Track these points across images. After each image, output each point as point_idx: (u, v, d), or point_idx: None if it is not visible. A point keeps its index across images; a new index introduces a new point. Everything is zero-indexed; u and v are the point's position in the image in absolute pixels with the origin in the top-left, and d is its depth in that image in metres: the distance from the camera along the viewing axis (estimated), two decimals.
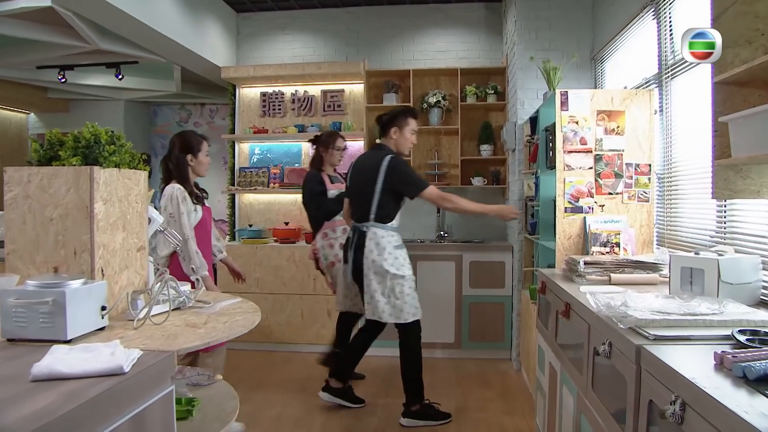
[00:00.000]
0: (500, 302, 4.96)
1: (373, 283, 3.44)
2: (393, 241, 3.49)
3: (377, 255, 3.44)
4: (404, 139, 3.59)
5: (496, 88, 5.39)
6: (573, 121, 3.22)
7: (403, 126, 3.58)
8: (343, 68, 5.48)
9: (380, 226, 3.48)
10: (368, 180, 3.49)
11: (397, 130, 3.58)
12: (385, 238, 3.46)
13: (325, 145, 4.32)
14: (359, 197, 3.57)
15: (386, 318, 3.44)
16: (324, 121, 5.84)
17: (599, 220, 3.20)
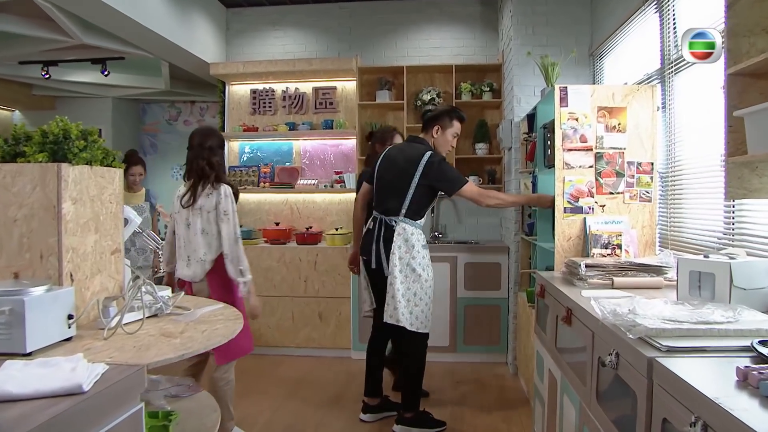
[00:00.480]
0: (496, 305, 4.84)
1: (397, 282, 3.26)
2: (421, 239, 3.35)
3: (405, 252, 3.29)
4: (444, 141, 3.44)
5: (491, 86, 5.27)
6: (573, 118, 3.10)
7: (447, 127, 3.43)
8: (335, 65, 5.35)
9: (410, 222, 3.32)
10: (404, 173, 3.33)
11: (439, 130, 3.43)
12: (415, 236, 3.31)
13: (381, 141, 3.98)
14: (390, 189, 3.39)
15: (404, 322, 3.26)
16: (315, 119, 5.71)
17: (600, 221, 3.08)
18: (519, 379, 4.41)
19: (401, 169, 3.35)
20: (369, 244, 3.44)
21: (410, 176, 3.29)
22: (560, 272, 2.87)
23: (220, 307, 2.13)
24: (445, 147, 3.45)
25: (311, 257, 5.12)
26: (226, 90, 5.90)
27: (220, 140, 3.20)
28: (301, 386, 4.31)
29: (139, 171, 4.59)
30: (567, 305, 2.32)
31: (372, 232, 3.44)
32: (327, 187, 5.50)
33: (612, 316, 1.77)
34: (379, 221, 3.41)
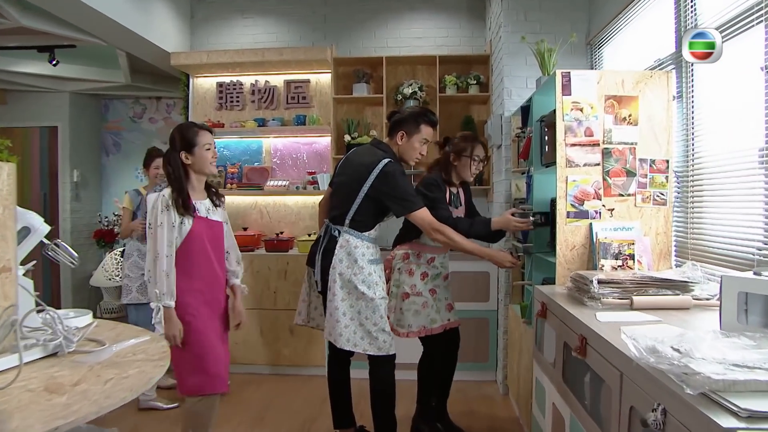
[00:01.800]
0: (484, 318, 4.42)
1: (337, 299, 2.86)
2: (368, 254, 2.91)
3: (346, 267, 2.86)
4: (410, 148, 2.98)
5: (478, 78, 4.85)
6: (577, 108, 2.68)
7: (412, 133, 2.97)
8: (308, 55, 4.89)
9: (355, 234, 2.90)
10: (354, 179, 2.91)
11: (404, 136, 2.98)
12: (359, 249, 2.88)
13: (458, 151, 3.26)
14: (339, 195, 3.00)
15: (343, 344, 2.85)
16: (287, 114, 5.24)
17: (608, 228, 2.67)
18: (510, 400, 3.99)
19: (353, 174, 2.94)
20: (313, 254, 3.05)
21: (360, 184, 2.87)
22: (565, 287, 2.45)
23: (144, 340, 1.66)
24: (411, 155, 3.00)
25: (281, 266, 4.65)
26: (191, 83, 5.41)
27: (176, 138, 2.69)
28: (269, 412, 3.84)
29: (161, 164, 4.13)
30: (580, 332, 1.89)
31: (318, 240, 3.06)
32: (299, 189, 5.03)
33: (653, 356, 1.34)
34: (326, 229, 3.01)
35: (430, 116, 3.01)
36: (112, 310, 6.90)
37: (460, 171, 3.26)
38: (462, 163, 3.24)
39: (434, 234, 2.88)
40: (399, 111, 3.06)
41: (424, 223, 2.87)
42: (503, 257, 3.03)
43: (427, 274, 3.20)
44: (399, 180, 2.83)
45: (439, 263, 3.25)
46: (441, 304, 3.24)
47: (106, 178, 7.44)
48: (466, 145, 3.24)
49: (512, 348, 3.89)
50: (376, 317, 2.87)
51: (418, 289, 3.18)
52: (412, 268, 3.18)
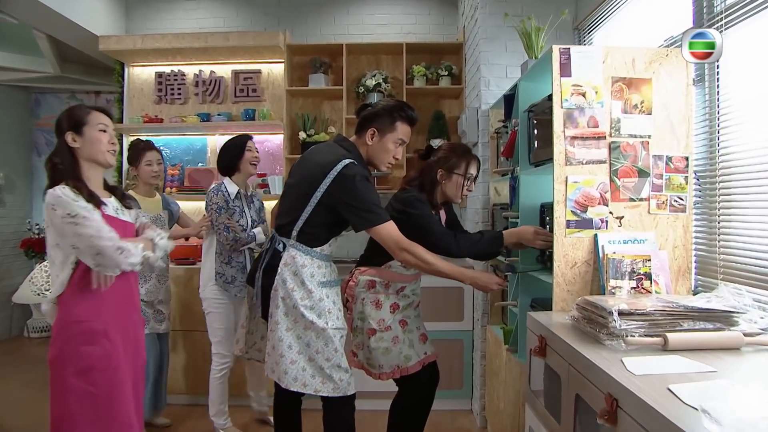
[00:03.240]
0: (457, 339, 3.89)
1: (280, 329, 2.30)
2: (319, 274, 2.34)
3: (291, 290, 2.30)
4: (382, 150, 2.42)
5: (450, 69, 4.34)
6: (578, 93, 2.18)
7: (386, 131, 2.40)
8: (258, 40, 4.30)
9: (303, 249, 2.33)
10: (307, 181, 2.32)
11: (375, 134, 2.40)
12: (307, 269, 2.31)
13: (449, 167, 2.66)
14: (289, 199, 2.42)
15: (290, 383, 2.29)
16: (235, 108, 4.64)
17: (617, 240, 2.16)
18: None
19: (305, 175, 2.36)
20: (254, 270, 2.49)
21: (312, 188, 2.30)
22: (570, 317, 1.92)
23: None
24: (382, 158, 2.44)
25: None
26: (125, 73, 4.77)
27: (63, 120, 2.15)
28: None
29: (157, 158, 3.40)
30: (608, 390, 1.36)
31: (261, 255, 2.52)
32: None
33: None
34: (270, 241, 2.45)
35: (409, 112, 2.44)
36: (43, 329, 6.17)
37: (448, 191, 2.68)
38: (452, 182, 2.66)
39: (401, 255, 2.30)
40: (370, 104, 2.48)
41: (389, 240, 2.29)
42: (488, 280, 2.48)
43: (397, 305, 2.65)
44: (360, 186, 2.25)
45: (411, 291, 2.71)
46: (413, 335, 2.70)
47: (38, 181, 6.69)
48: (460, 161, 2.65)
49: (492, 376, 3.36)
50: (329, 351, 2.31)
51: (386, 323, 2.62)
52: (380, 300, 2.62)
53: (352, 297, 2.65)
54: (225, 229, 3.27)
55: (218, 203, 3.30)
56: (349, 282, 2.67)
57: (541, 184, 2.69)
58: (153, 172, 3.36)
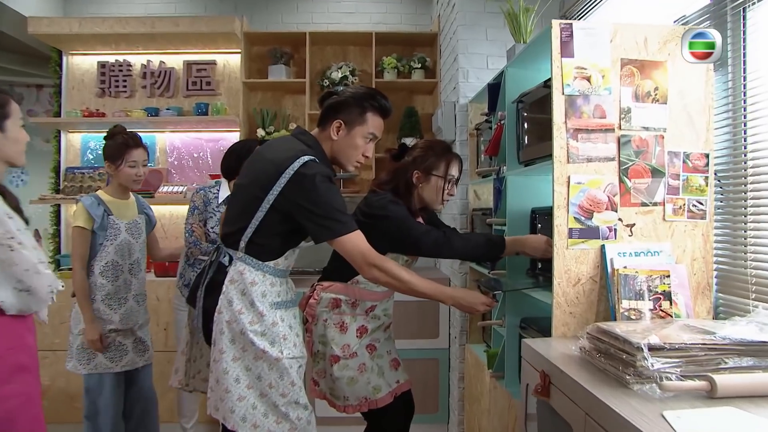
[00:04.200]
0: (432, 358, 3.53)
1: (225, 359, 1.88)
2: (272, 294, 1.92)
3: (238, 312, 1.88)
4: (350, 146, 1.98)
5: (424, 61, 3.98)
6: (582, 77, 1.83)
7: (355, 122, 1.97)
8: (212, 26, 3.87)
9: (254, 263, 1.90)
10: (259, 181, 1.89)
11: (342, 126, 1.97)
12: (258, 287, 1.89)
13: (427, 168, 2.27)
14: (237, 204, 1.98)
15: (237, 424, 1.87)
16: (187, 103, 4.20)
17: (628, 252, 1.82)
18: None
19: (257, 174, 1.93)
20: (196, 288, 2.08)
21: (265, 190, 1.86)
22: (578, 348, 1.56)
23: None
24: (350, 156, 2.01)
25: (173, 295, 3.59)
26: (64, 62, 4.28)
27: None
28: None
29: (144, 159, 2.74)
30: None
31: (203, 269, 2.11)
32: None
33: None
34: (215, 254, 2.04)
35: (382, 101, 2.01)
36: None
37: (425, 195, 2.29)
38: (430, 185, 2.28)
39: (369, 271, 1.88)
40: (336, 92, 2.05)
41: (355, 254, 1.87)
42: (473, 300, 2.07)
43: (365, 328, 2.26)
44: (321, 187, 1.83)
45: (382, 311, 2.32)
46: (383, 362, 2.31)
47: None
48: (438, 161, 2.27)
49: (472, 401, 3.00)
50: (284, 384, 1.90)
51: (352, 349, 2.23)
52: (345, 322, 2.23)
53: (313, 317, 2.25)
54: (189, 231, 2.88)
55: (195, 203, 2.99)
56: (310, 299, 2.27)
57: (531, 186, 2.34)
58: (137, 176, 2.70)
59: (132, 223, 2.74)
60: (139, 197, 2.92)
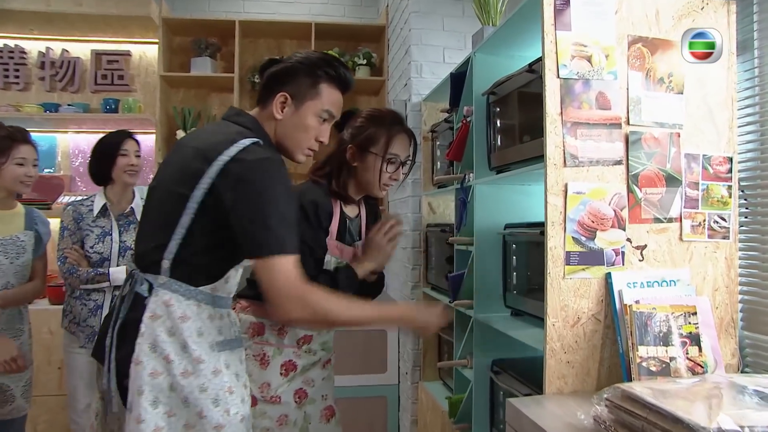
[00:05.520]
0: (379, 396, 3.05)
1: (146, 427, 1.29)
2: (211, 330, 1.36)
3: (165, 360, 1.31)
4: (299, 128, 1.45)
5: (369, 57, 3.54)
6: (582, 56, 1.42)
7: (306, 96, 1.44)
8: (123, 9, 3.30)
9: (184, 290, 1.34)
10: (182, 178, 1.34)
11: (288, 103, 1.44)
12: (192, 323, 1.32)
13: (363, 142, 1.76)
14: (153, 213, 1.45)
15: None
16: (95, 99, 3.60)
17: (639, 281, 1.41)
18: None
19: (180, 170, 1.38)
20: (104, 335, 1.44)
21: (191, 186, 1.32)
22: (589, 419, 1.13)
23: None
24: (299, 140, 1.47)
25: None
26: None
27: None
28: None
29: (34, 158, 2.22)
30: None
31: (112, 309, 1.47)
32: None
33: None
34: (128, 284, 1.43)
35: (340, 70, 1.49)
36: None
37: (363, 178, 1.76)
38: (367, 164, 1.74)
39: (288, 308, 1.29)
40: (280, 58, 1.54)
41: (276, 284, 1.28)
42: (427, 317, 1.56)
43: (293, 365, 1.75)
44: (269, 182, 1.30)
45: (320, 345, 1.82)
46: (314, 409, 1.80)
47: None
48: (378, 134, 1.74)
49: None
50: None
51: (274, 391, 1.71)
52: (266, 354, 1.72)
53: None
54: (62, 259, 2.28)
55: (64, 223, 2.34)
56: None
57: (504, 197, 1.93)
58: (27, 176, 2.18)
59: (9, 240, 2.16)
60: (32, 209, 2.34)
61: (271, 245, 1.29)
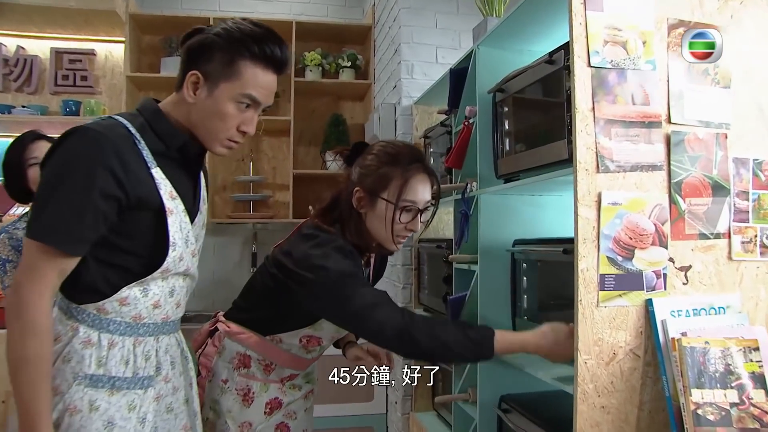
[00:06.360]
0: (366, 427, 2.79)
1: None
2: (85, 357, 1.11)
3: None
4: (214, 116, 1.17)
5: (355, 59, 3.31)
6: (616, 42, 1.20)
7: (220, 76, 1.16)
8: (84, 1, 3.02)
9: (65, 304, 1.17)
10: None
11: (200, 83, 1.16)
12: (60, 346, 1.12)
13: (371, 185, 1.42)
14: None
15: None
16: (55, 101, 3.31)
17: (684, 309, 1.19)
18: None
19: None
20: None
21: None
22: None
23: None
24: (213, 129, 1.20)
25: None
26: None
27: None
28: None
29: None
30: None
31: None
32: None
33: None
34: None
35: (267, 44, 1.19)
36: None
37: (372, 228, 1.43)
38: (376, 212, 1.41)
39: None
40: (203, 28, 1.25)
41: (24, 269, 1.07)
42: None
43: (278, 402, 1.49)
44: (55, 162, 1.08)
45: (304, 380, 1.57)
46: None
47: None
48: (390, 173, 1.41)
49: None
50: None
51: (255, 429, 1.46)
52: (252, 390, 1.46)
53: (208, 370, 1.47)
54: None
55: (3, 255, 1.99)
56: (207, 345, 1.49)
57: (513, 209, 1.70)
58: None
59: None
60: None
61: (33, 227, 1.05)
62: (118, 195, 1.07)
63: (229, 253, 3.44)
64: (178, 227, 1.17)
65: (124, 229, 1.12)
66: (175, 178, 1.18)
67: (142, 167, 1.12)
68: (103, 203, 1.06)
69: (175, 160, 1.21)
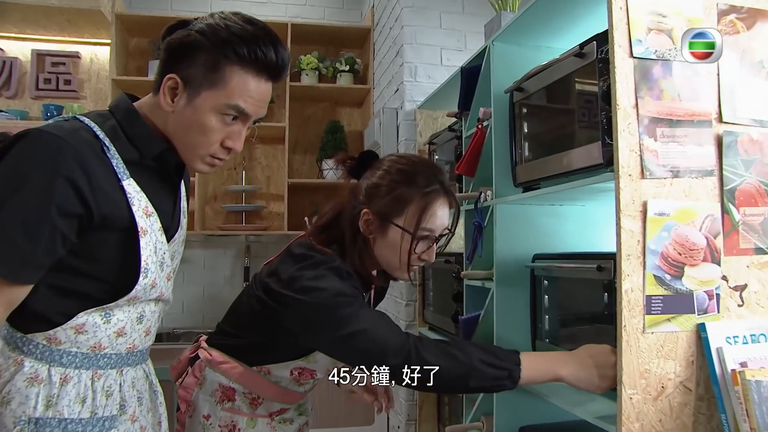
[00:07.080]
0: None
1: None
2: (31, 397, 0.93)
3: None
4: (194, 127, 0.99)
5: (353, 63, 3.17)
6: (661, 30, 1.06)
7: (201, 82, 0.97)
8: (68, 1, 2.87)
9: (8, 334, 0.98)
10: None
11: (180, 89, 0.98)
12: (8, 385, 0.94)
13: (383, 209, 1.21)
14: None
15: None
16: (35, 106, 3.15)
17: (740, 334, 1.04)
18: None
19: None
20: None
21: None
22: None
23: None
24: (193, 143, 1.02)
25: None
26: None
27: None
28: None
29: None
30: None
31: None
32: None
33: None
34: None
35: (259, 47, 0.98)
36: None
37: (382, 256, 1.26)
38: (387, 239, 1.23)
39: None
40: (186, 22, 1.06)
41: None
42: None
43: None
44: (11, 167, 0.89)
45: (295, 412, 1.40)
46: None
47: None
48: (407, 196, 1.21)
49: None
50: None
51: None
52: (237, 427, 1.28)
53: (188, 404, 1.29)
54: None
55: None
56: (187, 376, 1.31)
57: (532, 221, 1.54)
58: None
59: None
60: None
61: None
62: (79, 212, 0.90)
63: (221, 266, 3.27)
64: (153, 249, 0.99)
65: (85, 252, 0.94)
66: (151, 190, 1.01)
67: (110, 179, 0.94)
68: (62, 222, 0.88)
69: (152, 168, 1.03)
